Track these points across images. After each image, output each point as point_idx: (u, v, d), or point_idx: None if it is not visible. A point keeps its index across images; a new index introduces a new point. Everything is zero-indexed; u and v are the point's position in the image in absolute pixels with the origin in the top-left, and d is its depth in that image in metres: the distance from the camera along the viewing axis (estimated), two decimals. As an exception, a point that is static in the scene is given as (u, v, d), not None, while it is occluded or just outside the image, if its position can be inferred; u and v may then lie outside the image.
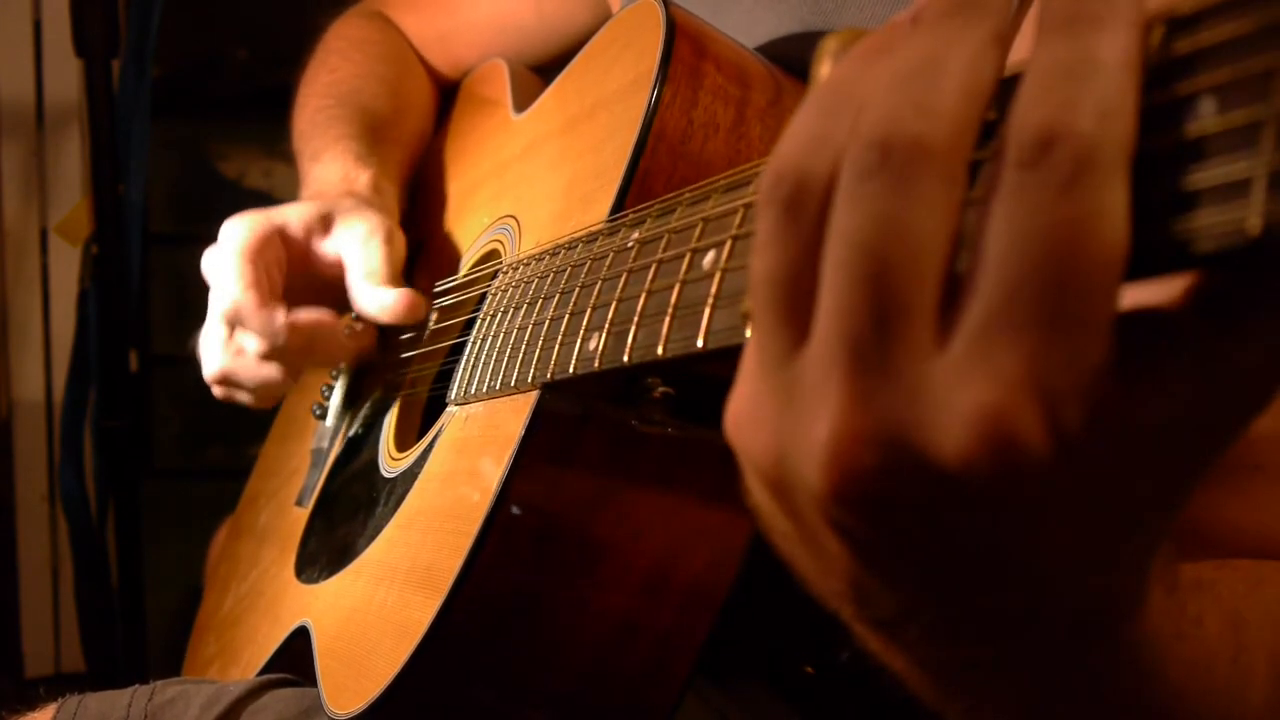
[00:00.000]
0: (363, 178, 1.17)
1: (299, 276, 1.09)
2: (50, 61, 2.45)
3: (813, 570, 0.45)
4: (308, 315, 1.06)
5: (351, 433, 1.18)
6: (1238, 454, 0.57)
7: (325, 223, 1.09)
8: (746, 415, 0.42)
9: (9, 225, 2.49)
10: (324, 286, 1.10)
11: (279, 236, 1.07)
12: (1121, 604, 0.43)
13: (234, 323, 1.06)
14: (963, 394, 0.36)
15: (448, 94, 1.44)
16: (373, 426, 1.14)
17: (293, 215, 1.09)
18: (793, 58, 0.90)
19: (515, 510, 0.76)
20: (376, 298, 1.05)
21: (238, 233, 1.06)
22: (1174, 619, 0.48)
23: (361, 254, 1.07)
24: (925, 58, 0.38)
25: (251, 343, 1.06)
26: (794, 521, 0.43)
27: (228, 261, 1.05)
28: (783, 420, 0.40)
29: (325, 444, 1.24)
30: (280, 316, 1.04)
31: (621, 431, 0.76)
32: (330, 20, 1.49)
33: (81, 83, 2.19)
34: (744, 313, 0.49)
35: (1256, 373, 0.36)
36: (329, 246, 1.09)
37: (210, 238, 1.08)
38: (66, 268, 2.42)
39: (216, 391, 1.14)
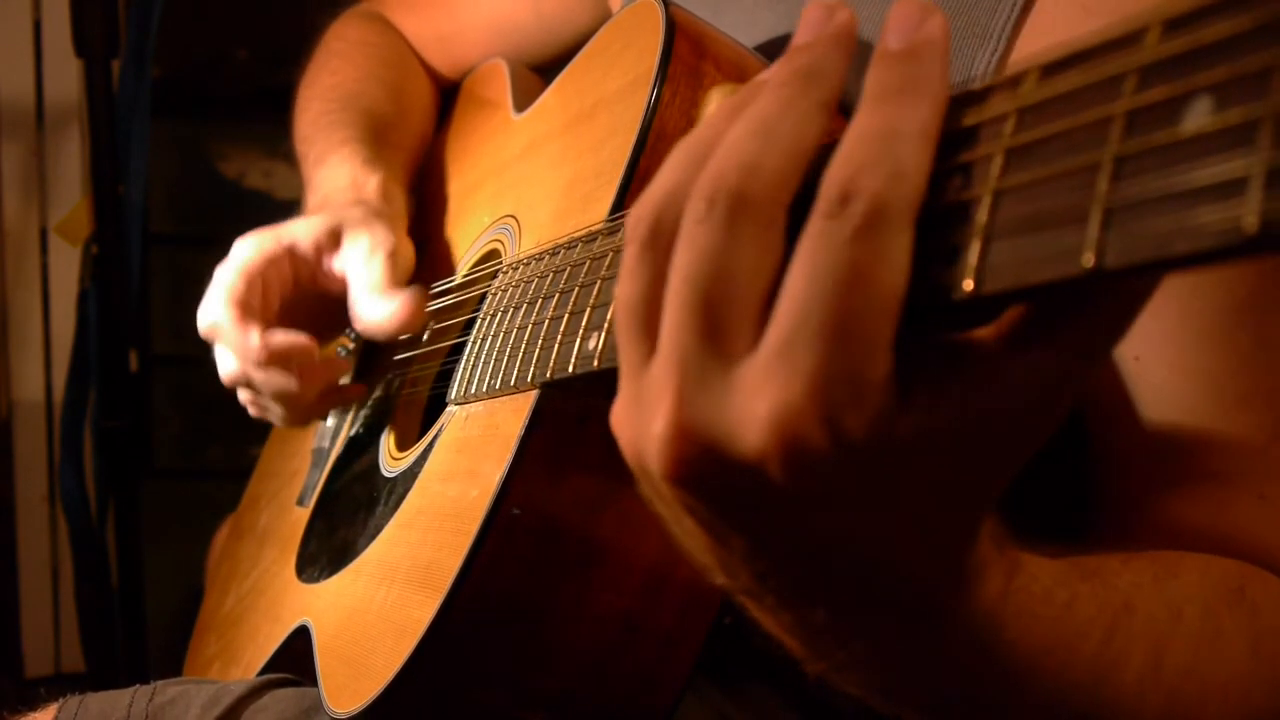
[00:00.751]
0: (371, 183, 1.17)
1: (306, 293, 1.09)
2: (50, 61, 2.45)
3: (687, 548, 0.53)
4: (284, 336, 1.06)
5: (352, 432, 1.19)
6: (1197, 461, 0.69)
7: (334, 237, 1.09)
8: (616, 416, 0.51)
9: (9, 225, 2.49)
10: (330, 301, 1.10)
11: (287, 256, 1.07)
12: (939, 586, 0.50)
13: (211, 338, 1.07)
14: (760, 398, 0.44)
15: (448, 94, 1.45)
16: (373, 426, 1.14)
17: (301, 232, 1.09)
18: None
19: (515, 510, 0.76)
20: (375, 309, 1.04)
21: (244, 251, 1.07)
22: (1021, 601, 0.54)
23: (363, 270, 1.06)
24: (761, 119, 0.46)
25: (230, 360, 1.07)
26: (659, 504, 0.52)
27: (222, 281, 1.06)
28: (636, 419, 0.49)
29: (326, 444, 1.24)
30: (255, 336, 1.04)
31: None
32: (330, 20, 1.49)
33: (81, 83, 2.19)
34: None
35: (1036, 387, 0.43)
36: (337, 264, 1.09)
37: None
38: (66, 268, 2.41)
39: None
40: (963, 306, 0.41)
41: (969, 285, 0.39)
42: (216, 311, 1.05)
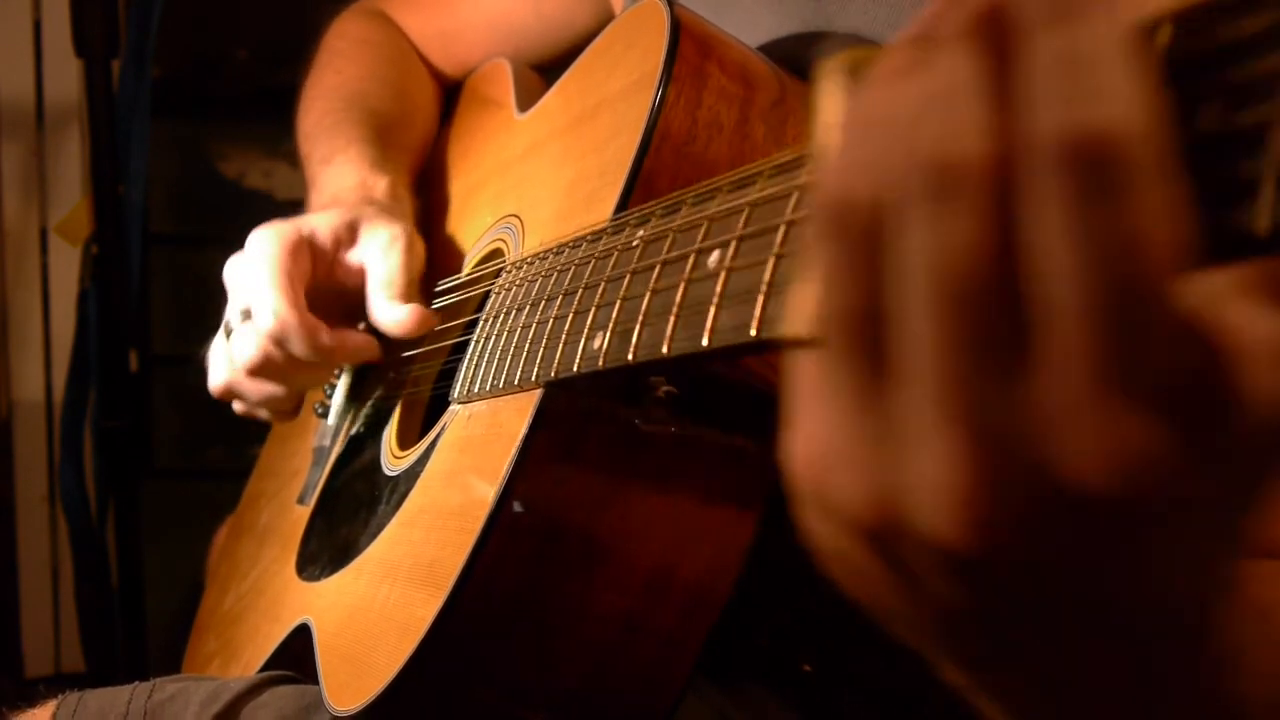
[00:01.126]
0: (380, 184, 1.17)
1: (323, 286, 1.09)
2: (50, 61, 2.45)
3: (901, 609, 0.42)
4: (357, 337, 1.09)
5: (353, 431, 1.19)
6: None
7: (352, 231, 1.10)
8: (830, 458, 0.39)
9: (9, 225, 2.49)
10: (345, 293, 1.10)
11: (307, 247, 1.08)
12: (1219, 612, 0.41)
13: (279, 340, 1.04)
14: (1088, 425, 0.33)
15: (450, 93, 1.45)
16: (375, 425, 1.14)
17: (321, 225, 1.09)
18: (794, 58, 0.90)
19: (518, 508, 0.76)
20: (389, 313, 1.06)
21: (268, 244, 1.06)
22: (1259, 600, 0.46)
23: (382, 264, 1.07)
24: (952, 78, 0.36)
25: (295, 353, 1.05)
26: (891, 566, 0.40)
27: (262, 275, 1.04)
28: (886, 464, 0.37)
29: (327, 442, 1.24)
30: (324, 335, 1.05)
31: (624, 431, 0.76)
32: (331, 19, 1.49)
33: (81, 83, 2.19)
34: (788, 340, 0.44)
35: None
36: (354, 256, 1.10)
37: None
38: (66, 268, 2.41)
39: (217, 390, 1.14)
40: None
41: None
42: (283, 312, 1.03)
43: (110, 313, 2.09)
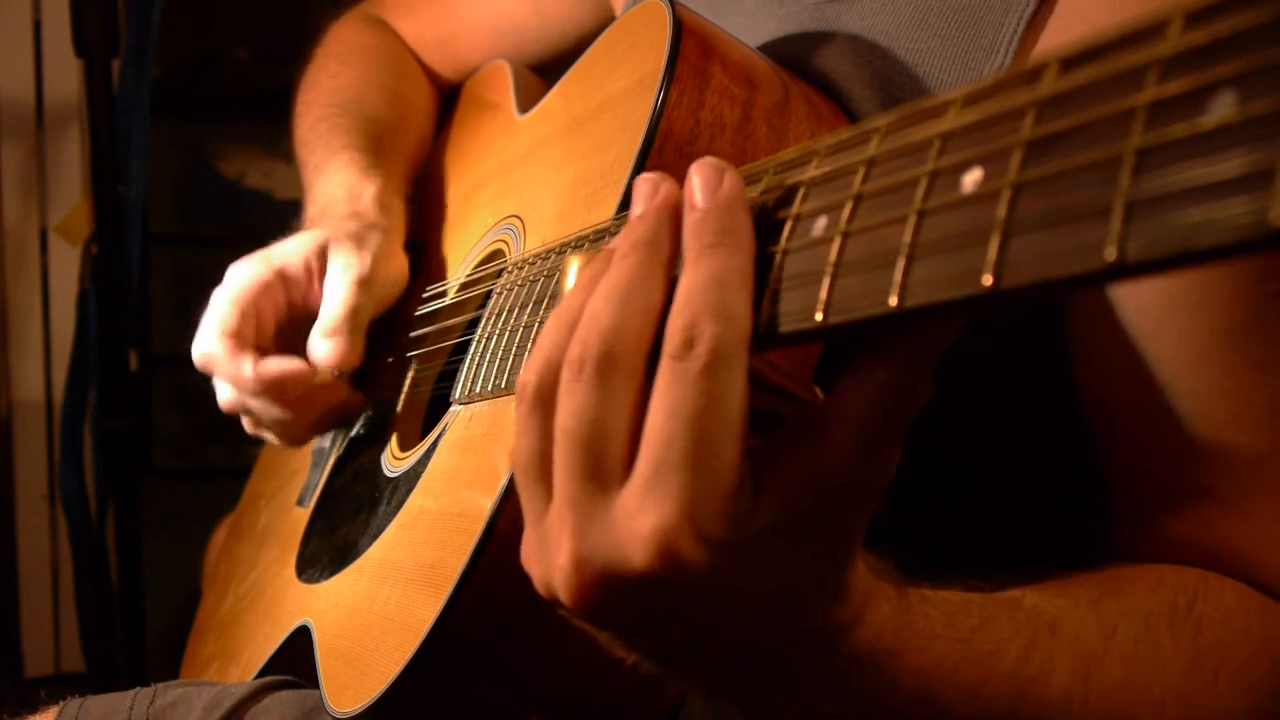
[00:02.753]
0: (368, 193, 1.17)
1: (304, 316, 1.10)
2: (50, 61, 2.45)
3: (609, 649, 0.61)
4: (277, 365, 1.08)
5: (353, 433, 1.18)
6: (1190, 478, 0.75)
7: (322, 257, 1.10)
8: (525, 557, 0.59)
9: (9, 225, 2.49)
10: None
11: (279, 280, 1.09)
12: (828, 625, 0.56)
13: (206, 370, 1.09)
14: (641, 519, 0.51)
15: (449, 95, 1.44)
16: (375, 426, 1.14)
17: (291, 254, 1.10)
18: (794, 61, 0.90)
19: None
20: (315, 347, 1.07)
21: (237, 278, 1.08)
22: (920, 624, 0.60)
23: (328, 295, 1.08)
24: (614, 288, 0.53)
25: (225, 389, 1.10)
26: (578, 621, 0.59)
27: (214, 309, 1.07)
28: (543, 558, 0.57)
29: (326, 444, 1.24)
30: (248, 366, 1.06)
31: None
32: (330, 21, 1.49)
33: (81, 83, 2.19)
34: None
35: (862, 439, 0.50)
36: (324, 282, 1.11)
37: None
38: (66, 268, 2.42)
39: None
40: (988, 298, 0.41)
41: (988, 280, 0.40)
42: (210, 343, 1.07)
43: (110, 313, 2.09)
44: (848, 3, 0.90)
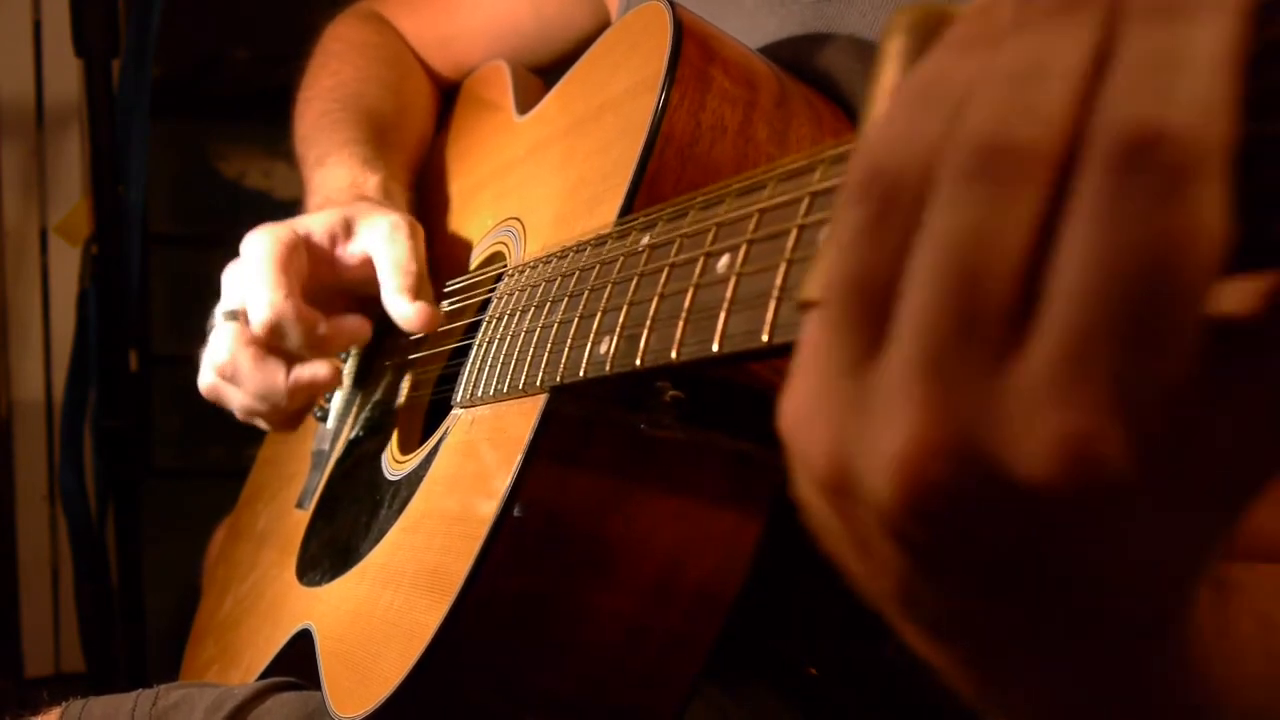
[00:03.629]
0: (371, 182, 1.17)
1: (322, 283, 1.09)
2: (50, 61, 2.45)
3: (860, 570, 0.44)
4: (349, 321, 1.08)
5: (353, 435, 1.18)
6: None
7: (347, 226, 1.09)
8: (808, 414, 0.40)
9: (9, 225, 2.49)
10: (346, 288, 1.10)
11: (303, 245, 1.07)
12: (1178, 611, 0.42)
13: (275, 330, 1.04)
14: (1046, 414, 0.34)
15: (448, 95, 1.44)
16: (374, 429, 1.14)
17: (316, 223, 1.09)
18: (794, 61, 0.90)
19: (523, 514, 0.76)
20: (402, 308, 1.04)
21: (264, 244, 1.05)
22: (1218, 616, 0.48)
23: (388, 251, 1.06)
24: (1034, 57, 0.35)
25: (293, 344, 1.05)
26: (847, 525, 0.41)
27: (259, 273, 1.04)
28: (850, 425, 0.38)
29: (326, 446, 1.23)
30: (323, 325, 1.05)
31: (630, 435, 0.76)
32: (329, 20, 1.49)
33: (81, 83, 2.19)
34: (802, 302, 0.44)
35: None
36: (354, 249, 1.09)
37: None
38: (66, 268, 2.42)
39: (204, 390, 1.13)
40: None
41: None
42: (278, 304, 1.02)
43: (110, 313, 2.09)
44: (847, 2, 0.90)
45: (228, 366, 1.08)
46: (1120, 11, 0.34)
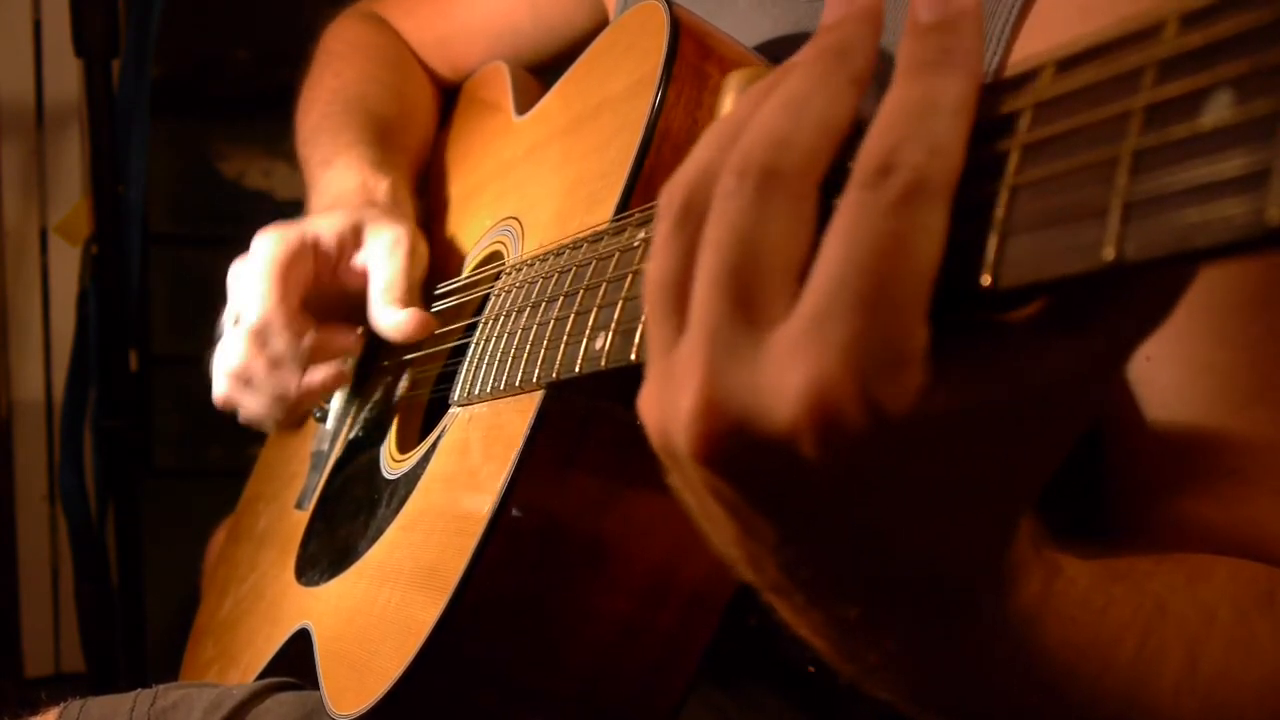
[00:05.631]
0: (382, 186, 1.17)
1: (327, 289, 1.09)
2: (50, 61, 2.45)
3: (714, 540, 0.52)
4: (338, 335, 1.09)
5: (352, 435, 1.18)
6: (1214, 459, 0.69)
7: (356, 233, 1.10)
8: (644, 398, 0.49)
9: (9, 225, 2.49)
10: (350, 295, 1.11)
11: (311, 251, 1.08)
12: (977, 584, 0.50)
13: (261, 338, 1.06)
14: (793, 369, 0.42)
15: (448, 96, 1.44)
16: (373, 429, 1.14)
17: (325, 228, 1.09)
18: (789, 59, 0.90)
19: (519, 511, 0.76)
20: (389, 317, 1.06)
21: (270, 246, 1.06)
22: (1060, 604, 0.54)
23: (384, 267, 1.07)
24: (792, 96, 0.46)
25: (275, 351, 1.07)
26: (687, 491, 0.50)
27: (260, 276, 1.05)
28: (665, 398, 0.47)
29: (325, 447, 1.23)
30: (310, 336, 1.06)
31: (626, 432, 0.76)
32: (330, 20, 1.49)
33: (81, 83, 2.19)
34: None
35: (1073, 371, 0.42)
36: (359, 259, 1.10)
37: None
38: (66, 268, 2.41)
39: (220, 400, 1.14)
40: (987, 297, 0.40)
41: (987, 280, 0.39)
42: (266, 310, 1.04)
43: (110, 313, 2.09)
44: None
45: (242, 373, 1.09)
46: (851, 58, 0.46)
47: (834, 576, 0.50)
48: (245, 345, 1.07)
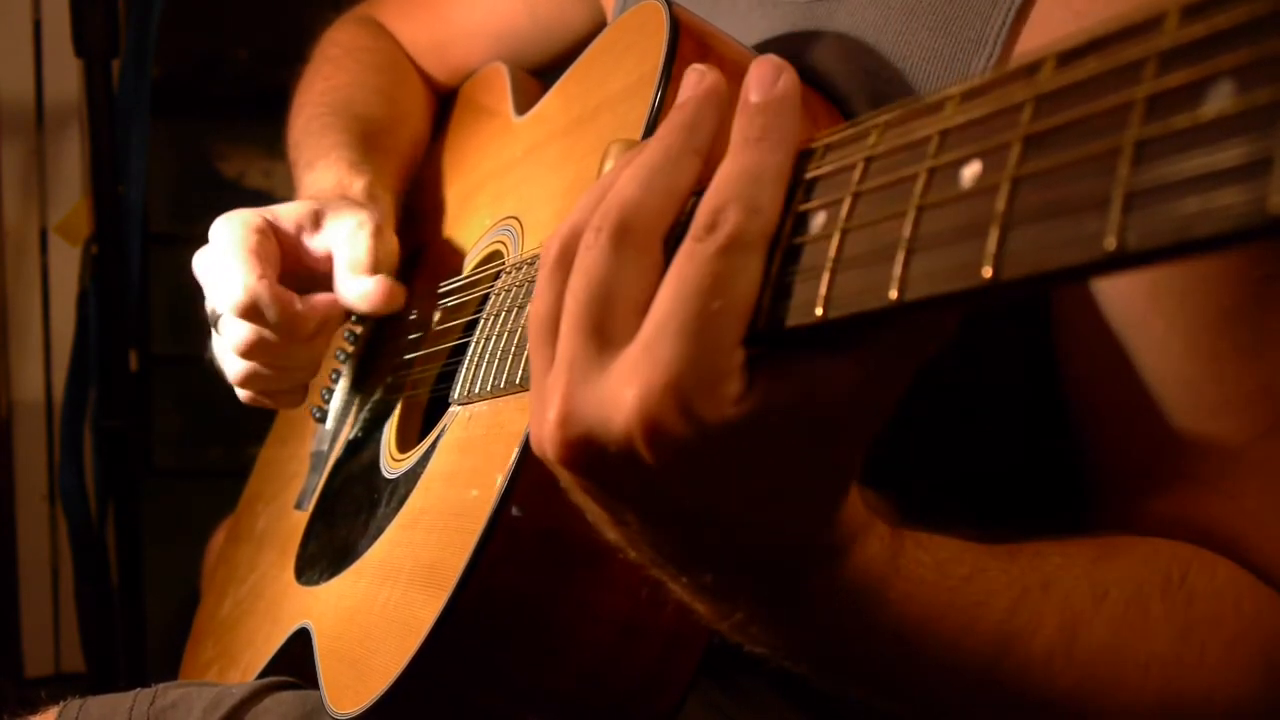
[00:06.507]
0: (357, 184, 1.17)
1: (289, 271, 1.08)
2: (50, 61, 2.45)
3: (597, 526, 0.62)
4: (322, 298, 1.08)
5: (351, 435, 1.18)
6: (1177, 464, 0.76)
7: (316, 219, 1.09)
8: (530, 415, 0.59)
9: (9, 225, 2.49)
10: (311, 282, 1.10)
11: (272, 231, 1.07)
12: (806, 545, 0.58)
13: (252, 314, 1.04)
14: (628, 386, 0.52)
15: (446, 98, 1.45)
16: (373, 429, 1.14)
17: (284, 211, 1.09)
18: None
19: (520, 509, 0.76)
20: (356, 286, 1.06)
21: (232, 229, 1.05)
22: (910, 568, 0.61)
23: (348, 245, 1.07)
24: (644, 165, 0.56)
25: (272, 317, 1.05)
26: (570, 492, 0.61)
27: (230, 257, 1.04)
28: (538, 414, 0.58)
29: (325, 447, 1.24)
30: (297, 301, 1.05)
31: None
32: (329, 20, 1.49)
33: (81, 83, 2.19)
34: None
35: (854, 391, 0.51)
36: (319, 242, 1.09)
37: (210, 238, 1.08)
38: (66, 268, 2.41)
39: (244, 395, 1.13)
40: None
41: (987, 272, 0.41)
42: (249, 286, 1.02)
43: (110, 313, 2.09)
44: (837, 1, 0.90)
45: (249, 348, 1.07)
46: (699, 136, 0.56)
47: (687, 550, 0.59)
48: (240, 321, 1.05)
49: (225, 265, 1.04)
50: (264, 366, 1.09)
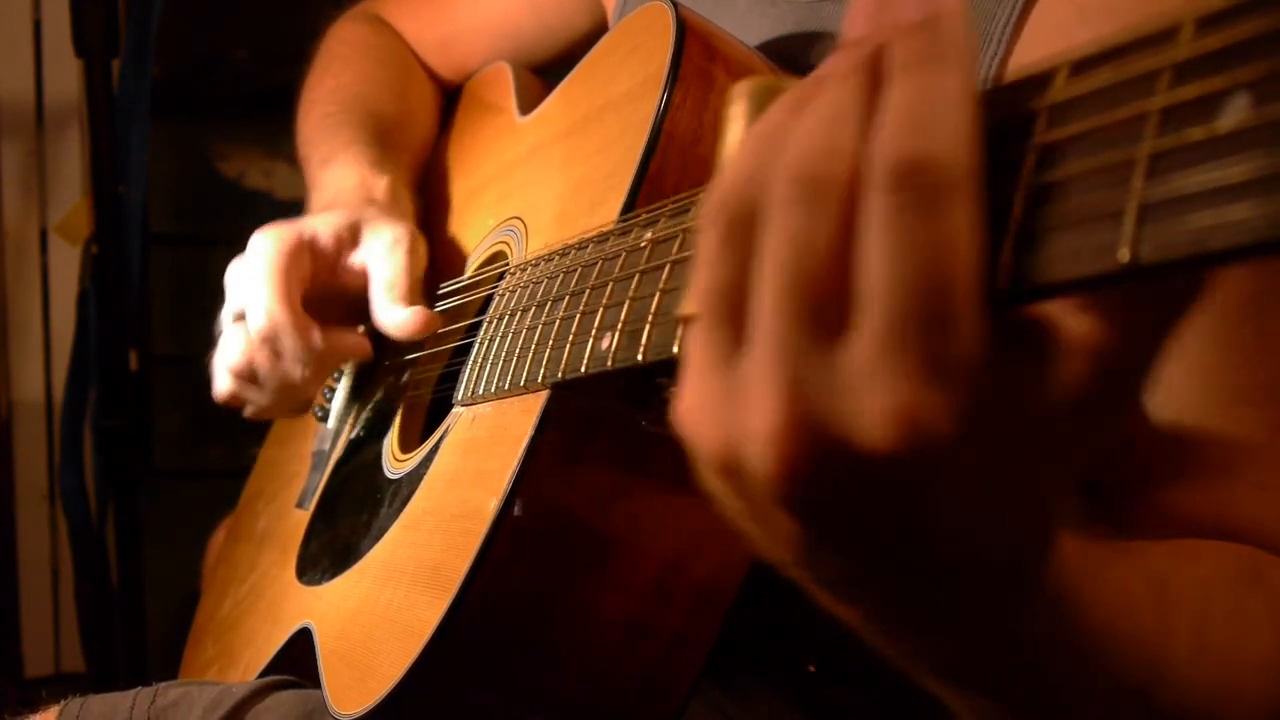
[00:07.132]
0: (381, 185, 1.17)
1: (324, 287, 1.09)
2: (50, 61, 2.45)
3: (763, 541, 0.51)
4: (344, 337, 1.09)
5: (353, 435, 1.18)
6: (1200, 455, 0.72)
7: (354, 232, 1.10)
8: (695, 411, 0.47)
9: (9, 225, 2.49)
10: (347, 294, 1.10)
11: (309, 249, 1.08)
12: (1028, 554, 0.50)
13: (270, 339, 1.05)
14: (875, 391, 0.42)
15: (450, 97, 1.44)
16: (375, 429, 1.14)
17: (323, 226, 1.09)
18: (787, 61, 0.90)
19: (524, 511, 0.76)
20: (394, 315, 1.06)
21: (268, 246, 1.06)
22: (1095, 571, 0.55)
23: (384, 266, 1.07)
24: (836, 104, 0.45)
25: (283, 349, 1.06)
26: (745, 501, 0.49)
27: (261, 276, 1.05)
28: (729, 415, 0.46)
29: (326, 446, 1.23)
30: (317, 336, 1.05)
31: (632, 432, 0.76)
32: (330, 20, 1.49)
33: (81, 83, 2.19)
34: (680, 318, 0.57)
35: (1128, 374, 0.44)
36: (357, 258, 1.10)
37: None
38: (66, 268, 2.41)
39: (222, 396, 1.14)
40: (1001, 300, 0.41)
41: (1004, 283, 0.40)
42: (270, 311, 1.04)
43: (110, 313, 2.09)
44: (838, 2, 0.90)
45: (245, 368, 1.09)
46: (883, 67, 0.44)
47: (907, 575, 0.49)
48: (250, 344, 1.07)
49: (253, 285, 1.05)
50: (254, 387, 1.11)
